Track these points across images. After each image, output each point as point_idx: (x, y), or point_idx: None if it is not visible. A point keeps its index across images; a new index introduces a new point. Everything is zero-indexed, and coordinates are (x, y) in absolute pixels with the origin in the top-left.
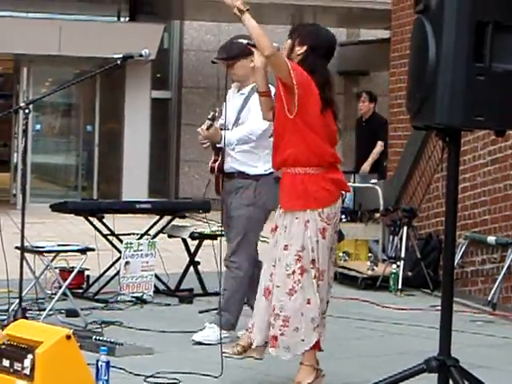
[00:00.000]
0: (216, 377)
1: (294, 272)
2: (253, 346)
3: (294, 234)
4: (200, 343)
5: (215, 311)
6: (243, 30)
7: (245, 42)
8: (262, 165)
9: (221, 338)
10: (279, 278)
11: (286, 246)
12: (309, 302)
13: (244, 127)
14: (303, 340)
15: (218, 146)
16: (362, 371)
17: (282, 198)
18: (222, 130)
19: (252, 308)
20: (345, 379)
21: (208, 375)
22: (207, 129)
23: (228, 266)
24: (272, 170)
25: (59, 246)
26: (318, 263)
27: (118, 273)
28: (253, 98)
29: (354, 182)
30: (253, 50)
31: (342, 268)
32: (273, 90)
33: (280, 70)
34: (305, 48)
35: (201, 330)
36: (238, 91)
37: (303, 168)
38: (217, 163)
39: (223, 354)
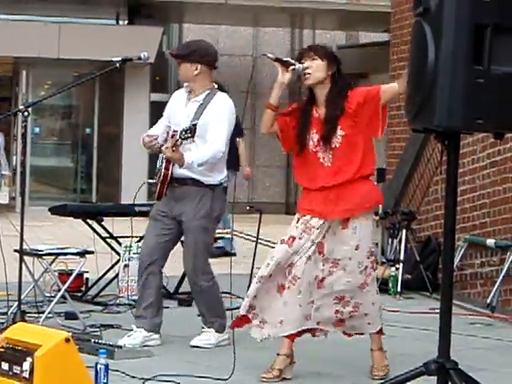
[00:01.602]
0: (210, 378)
1: (366, 267)
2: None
3: (365, 233)
4: (199, 348)
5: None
6: (241, 33)
7: (272, 56)
8: (216, 174)
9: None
10: (352, 276)
11: (357, 245)
12: (377, 292)
13: (206, 151)
14: (369, 324)
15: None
16: (361, 374)
17: (345, 204)
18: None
19: (202, 315)
20: (344, 381)
21: (207, 377)
22: (172, 149)
23: (195, 283)
24: (223, 181)
25: (58, 248)
26: None
27: (116, 275)
28: (209, 107)
29: None
30: (277, 66)
31: None
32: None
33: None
34: (335, 68)
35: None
36: (190, 98)
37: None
38: (170, 171)
39: (262, 380)
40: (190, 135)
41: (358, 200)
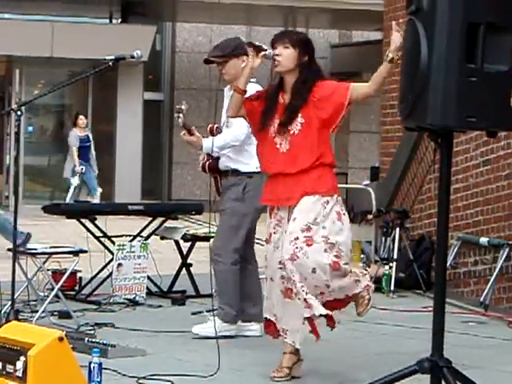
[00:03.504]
0: (205, 376)
1: (296, 238)
2: (289, 350)
3: (306, 208)
4: (199, 335)
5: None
6: (234, 31)
7: (244, 40)
8: (254, 162)
9: (218, 333)
10: (285, 247)
11: (294, 218)
12: (314, 271)
13: (227, 134)
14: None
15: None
16: (355, 372)
17: (302, 189)
18: (212, 133)
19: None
20: (337, 380)
21: (201, 376)
22: (189, 133)
23: (214, 260)
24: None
25: (52, 247)
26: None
27: (110, 275)
28: None
29: (347, 183)
30: (249, 50)
31: None
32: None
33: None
34: (307, 57)
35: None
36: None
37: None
38: (207, 162)
39: (272, 379)
40: (177, 113)
41: (312, 184)
